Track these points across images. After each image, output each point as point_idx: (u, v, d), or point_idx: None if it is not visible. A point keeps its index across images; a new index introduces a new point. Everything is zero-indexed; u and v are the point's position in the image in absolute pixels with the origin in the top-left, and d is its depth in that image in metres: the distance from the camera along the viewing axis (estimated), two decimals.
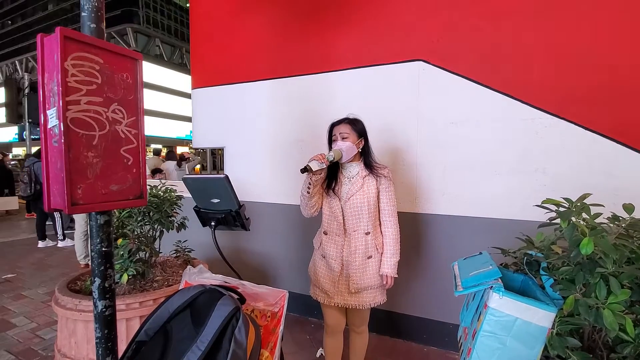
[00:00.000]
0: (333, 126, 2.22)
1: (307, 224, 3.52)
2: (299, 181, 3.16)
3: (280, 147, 3.61)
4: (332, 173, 2.25)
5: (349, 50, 3.21)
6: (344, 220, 2.18)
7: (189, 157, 9.66)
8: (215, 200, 2.19)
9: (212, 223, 2.28)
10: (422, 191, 3.02)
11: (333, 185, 2.22)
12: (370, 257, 2.19)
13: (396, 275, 2.22)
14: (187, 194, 2.53)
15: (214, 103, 3.92)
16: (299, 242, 3.60)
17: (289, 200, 3.58)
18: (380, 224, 2.26)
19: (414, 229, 3.05)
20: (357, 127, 2.19)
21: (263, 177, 3.71)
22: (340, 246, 2.19)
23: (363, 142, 2.21)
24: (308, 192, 2.10)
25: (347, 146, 2.12)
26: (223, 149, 3.93)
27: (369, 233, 2.18)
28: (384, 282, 2.22)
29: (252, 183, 3.76)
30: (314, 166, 1.95)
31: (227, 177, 2.09)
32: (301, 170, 1.92)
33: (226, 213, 2.20)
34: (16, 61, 46.42)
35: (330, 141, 2.23)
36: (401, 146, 3.06)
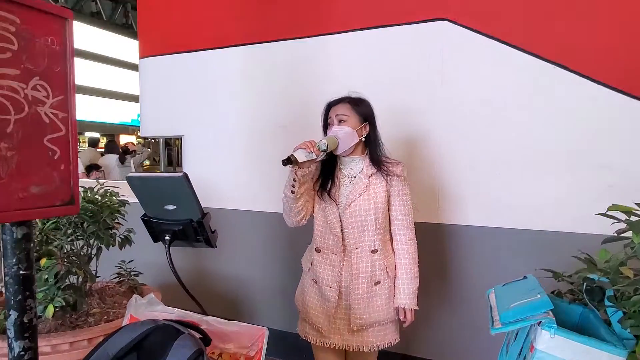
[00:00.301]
0: (330, 107, 2.27)
1: (294, 239, 3.52)
2: (283, 180, 3.12)
3: (258, 136, 3.63)
4: (328, 171, 2.29)
5: (351, 6, 3.23)
6: (342, 233, 2.22)
7: (135, 150, 9.63)
8: (171, 207, 2.20)
9: (167, 238, 2.30)
10: (446, 194, 3.03)
11: (329, 186, 2.25)
12: (378, 282, 2.22)
13: (417, 307, 2.24)
14: (133, 198, 2.54)
15: (169, 77, 3.95)
16: (283, 263, 3.62)
17: (270, 206, 3.60)
18: (391, 239, 2.31)
19: (436, 246, 3.06)
20: (361, 108, 2.23)
21: (235, 175, 3.73)
22: (338, 268, 2.23)
23: (368, 129, 2.25)
24: (292, 192, 2.13)
25: (344, 132, 2.17)
26: (181, 139, 3.92)
27: (377, 251, 2.21)
28: (402, 317, 2.25)
29: (220, 184, 3.78)
30: (300, 156, 1.98)
31: (185, 175, 2.09)
32: (283, 161, 1.96)
33: (185, 224, 2.22)
34: None
35: (326, 126, 2.28)
36: (418, 134, 3.06)
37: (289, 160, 1.97)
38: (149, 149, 10.41)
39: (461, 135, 2.99)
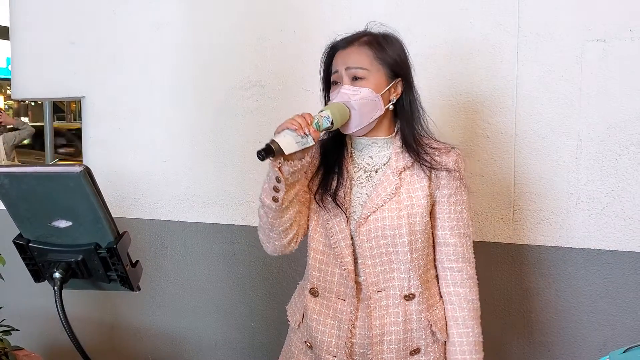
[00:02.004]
0: (334, 52, 2.04)
1: (275, 271, 3.31)
2: (258, 175, 3.09)
3: (214, 101, 3.34)
4: (332, 160, 2.09)
5: None
6: (356, 265, 2.02)
7: (1, 122, 9.42)
8: (63, 224, 1.85)
9: (56, 275, 1.88)
10: (528, 196, 2.82)
11: (334, 186, 2.03)
12: (416, 351, 2.02)
13: None
14: None
15: None
16: (256, 312, 3.39)
17: (233, 215, 3.34)
18: (437, 277, 2.12)
19: (513, 281, 2.86)
20: (389, 53, 1.99)
21: (173, 165, 3.46)
22: (349, 324, 2.03)
23: (400, 90, 2.00)
24: (275, 200, 1.89)
25: (362, 97, 1.92)
26: (80, 102, 3.62)
27: (414, 297, 2.00)
28: None
29: (149, 182, 3.52)
30: (287, 144, 1.77)
31: (86, 171, 1.68)
32: (259, 154, 1.72)
33: (87, 252, 1.86)
34: None
35: (327, 86, 2.07)
36: (482, 99, 2.85)
37: (268, 152, 1.71)
38: (25, 122, 10.04)
39: (552, 96, 2.69)
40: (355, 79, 1.94)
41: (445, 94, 2.87)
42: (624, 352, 1.77)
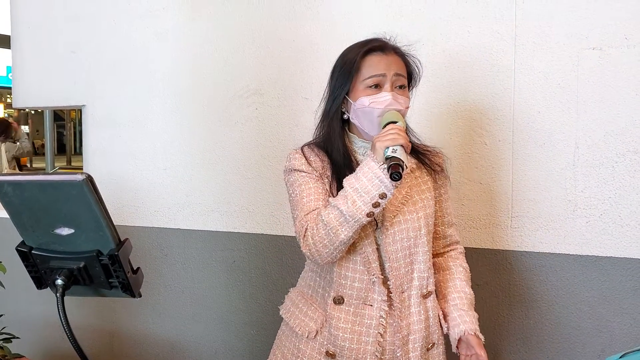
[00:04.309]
0: (367, 53, 1.96)
1: (275, 278, 3.26)
2: (254, 181, 3.27)
3: (211, 109, 3.31)
4: (342, 169, 2.01)
5: None
6: (382, 270, 1.96)
7: (10, 128, 9.25)
8: (65, 232, 1.80)
9: (59, 281, 1.81)
10: (526, 203, 2.78)
11: None
12: (432, 346, 2.03)
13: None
14: (1, 212, 1.91)
15: (62, 4, 3.61)
16: (256, 319, 3.32)
17: (232, 222, 3.31)
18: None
19: (511, 288, 2.82)
20: (411, 70, 2.05)
21: (173, 173, 3.43)
22: (378, 329, 1.96)
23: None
24: (370, 217, 1.82)
25: (407, 106, 1.97)
26: (81, 111, 3.58)
27: (431, 293, 2.02)
28: (472, 350, 1.96)
29: (147, 188, 3.50)
30: (405, 160, 1.74)
31: (89, 179, 1.62)
32: (395, 175, 1.69)
33: (89, 259, 1.82)
34: None
35: (345, 88, 1.98)
36: (480, 106, 2.83)
37: (400, 167, 1.69)
38: (22, 129, 9.83)
39: (550, 103, 2.66)
40: (400, 87, 1.95)
41: (443, 101, 2.88)
42: (620, 357, 1.69)
